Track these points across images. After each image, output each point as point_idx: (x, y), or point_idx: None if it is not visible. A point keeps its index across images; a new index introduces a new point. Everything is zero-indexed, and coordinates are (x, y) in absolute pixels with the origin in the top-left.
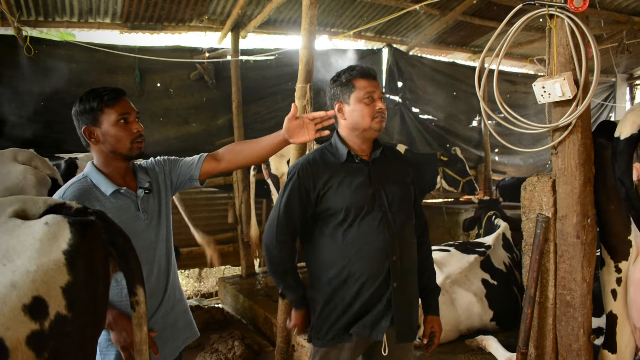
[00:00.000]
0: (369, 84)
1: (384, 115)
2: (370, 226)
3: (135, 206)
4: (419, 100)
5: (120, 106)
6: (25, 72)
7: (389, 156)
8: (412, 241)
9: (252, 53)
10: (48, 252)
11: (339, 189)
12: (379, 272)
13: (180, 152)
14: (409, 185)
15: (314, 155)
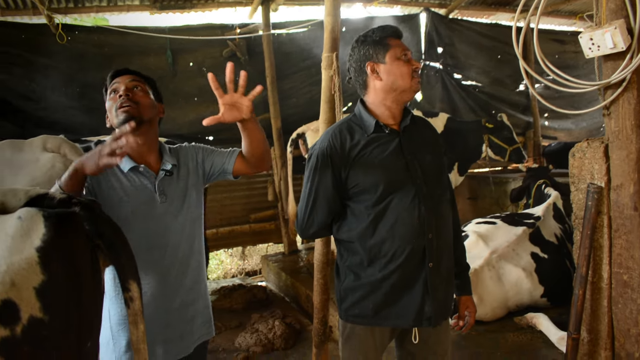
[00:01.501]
0: (402, 45)
1: (419, 77)
2: (403, 202)
3: (152, 187)
4: (461, 65)
5: (114, 81)
6: (59, 60)
7: (419, 125)
8: (448, 217)
9: (284, 26)
10: (20, 249)
11: (369, 162)
12: (414, 252)
13: (217, 132)
14: (442, 157)
15: (338, 127)
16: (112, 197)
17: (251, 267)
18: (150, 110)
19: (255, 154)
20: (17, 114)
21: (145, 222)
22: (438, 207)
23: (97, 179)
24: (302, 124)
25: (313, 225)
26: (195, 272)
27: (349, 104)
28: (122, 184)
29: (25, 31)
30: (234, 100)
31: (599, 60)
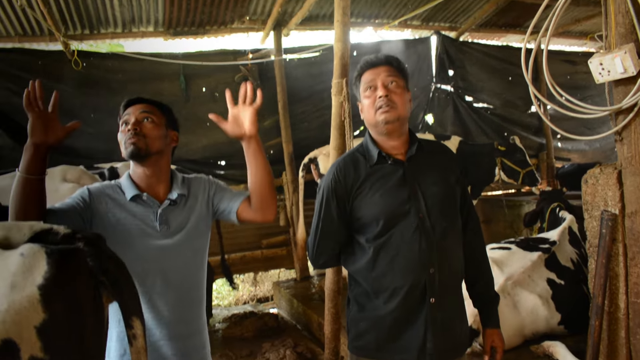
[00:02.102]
0: (372, 72)
1: (387, 103)
2: (404, 235)
3: (154, 215)
4: (472, 88)
5: (128, 110)
6: (74, 85)
7: (430, 152)
8: (455, 250)
9: (295, 51)
10: (21, 287)
11: (370, 195)
12: (414, 287)
13: (229, 157)
14: (453, 186)
15: (344, 159)
16: (111, 222)
17: (263, 293)
18: (159, 142)
19: (259, 189)
20: None
21: (143, 248)
22: (443, 240)
23: (97, 203)
24: (314, 148)
25: (322, 255)
26: (193, 306)
27: (360, 128)
28: (122, 210)
29: (41, 57)
30: (239, 111)
31: (609, 84)
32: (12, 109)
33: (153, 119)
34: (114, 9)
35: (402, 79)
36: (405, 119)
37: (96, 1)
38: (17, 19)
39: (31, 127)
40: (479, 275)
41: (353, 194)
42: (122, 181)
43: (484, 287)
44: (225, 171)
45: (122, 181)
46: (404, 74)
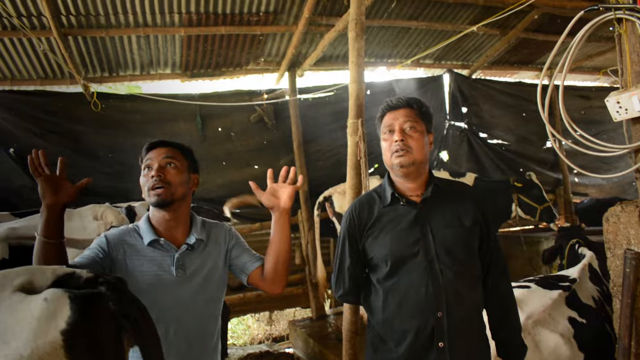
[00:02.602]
0: (392, 115)
1: (402, 147)
2: (412, 277)
3: (170, 260)
4: (486, 124)
5: (151, 153)
6: (93, 126)
7: (448, 193)
8: (469, 294)
9: (309, 91)
10: (44, 332)
11: (380, 235)
12: (420, 330)
13: (245, 195)
14: (469, 228)
15: (360, 199)
16: (129, 269)
17: (278, 332)
18: (182, 189)
19: (275, 261)
20: None
21: (157, 294)
22: (453, 284)
23: (115, 251)
24: (329, 186)
25: (339, 289)
26: (206, 353)
27: (375, 165)
28: (139, 256)
29: (62, 99)
30: (278, 187)
31: (627, 123)
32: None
33: (176, 165)
34: (133, 53)
35: (421, 123)
36: (422, 163)
37: (116, 45)
38: (39, 63)
39: (42, 191)
40: (503, 323)
41: (365, 233)
42: (140, 225)
43: (508, 336)
44: (240, 210)
45: (141, 225)
46: (425, 117)
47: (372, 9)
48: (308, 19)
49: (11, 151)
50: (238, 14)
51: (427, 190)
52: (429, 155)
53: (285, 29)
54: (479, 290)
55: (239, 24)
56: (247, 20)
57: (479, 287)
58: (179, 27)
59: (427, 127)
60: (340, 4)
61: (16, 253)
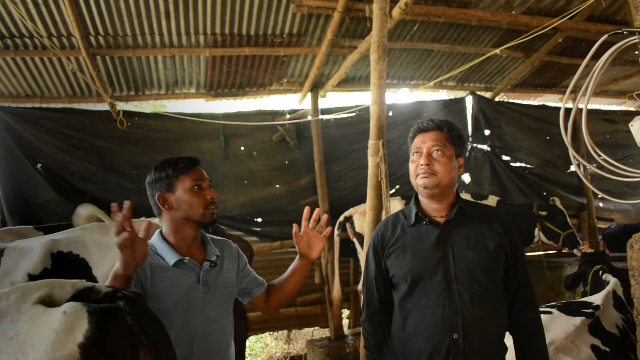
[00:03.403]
0: (421, 137)
1: (427, 171)
2: (430, 298)
3: (196, 277)
4: (509, 147)
5: (195, 173)
6: (118, 143)
7: (474, 216)
8: (489, 318)
9: (331, 111)
10: (62, 345)
11: (401, 254)
12: (436, 351)
13: (266, 214)
14: (493, 252)
15: (388, 218)
16: (158, 289)
17: (296, 351)
18: None
19: (284, 296)
20: (79, 195)
21: (188, 313)
22: (472, 306)
23: (142, 276)
24: (350, 206)
25: (368, 306)
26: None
27: (396, 186)
28: (167, 276)
29: (89, 117)
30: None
31: None
32: (59, 165)
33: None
34: (159, 72)
35: (450, 147)
36: (447, 185)
37: (142, 65)
38: (68, 81)
39: (125, 262)
40: (528, 351)
41: (387, 252)
42: (157, 245)
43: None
44: (261, 228)
45: (158, 245)
46: (455, 141)
47: (394, 31)
48: (331, 40)
49: (39, 166)
50: (262, 35)
51: (452, 212)
52: (457, 178)
53: (309, 50)
54: (500, 315)
55: (262, 45)
56: (271, 41)
57: (501, 312)
58: (204, 48)
59: (456, 151)
60: (362, 26)
61: (57, 263)
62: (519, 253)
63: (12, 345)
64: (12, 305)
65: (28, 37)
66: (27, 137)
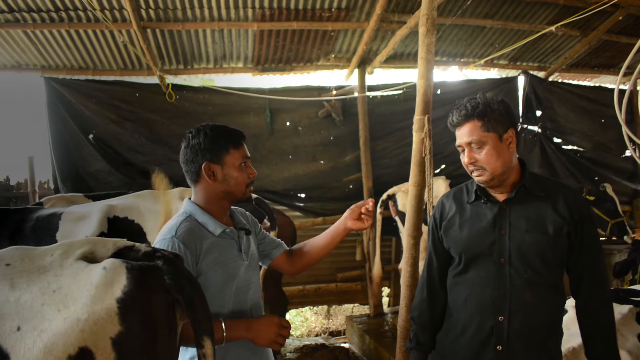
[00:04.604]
0: (458, 133)
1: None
2: (480, 277)
3: (237, 246)
4: (561, 129)
5: (244, 149)
6: (167, 116)
7: (538, 195)
8: (541, 304)
9: (379, 88)
10: (101, 299)
11: (458, 230)
12: (481, 329)
13: (309, 189)
14: (554, 236)
15: (454, 189)
16: (209, 261)
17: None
18: None
19: (315, 258)
20: (128, 165)
21: (234, 282)
22: (521, 291)
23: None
24: (394, 184)
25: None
26: None
27: (442, 165)
28: (214, 248)
29: (139, 89)
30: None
31: None
32: (110, 136)
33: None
34: (207, 46)
35: (489, 133)
36: (504, 172)
37: (191, 38)
38: (119, 54)
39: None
40: (593, 343)
41: (445, 225)
42: (198, 216)
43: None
44: (304, 203)
45: (199, 217)
46: (494, 122)
47: (445, 6)
48: (380, 15)
49: (90, 137)
50: (310, 9)
51: (513, 191)
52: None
53: (357, 25)
54: (553, 301)
55: (310, 19)
56: (319, 16)
57: (555, 299)
58: (252, 22)
59: (500, 130)
60: (412, 0)
61: (114, 228)
62: (589, 235)
63: (55, 298)
64: (56, 261)
65: (82, 10)
66: (80, 109)
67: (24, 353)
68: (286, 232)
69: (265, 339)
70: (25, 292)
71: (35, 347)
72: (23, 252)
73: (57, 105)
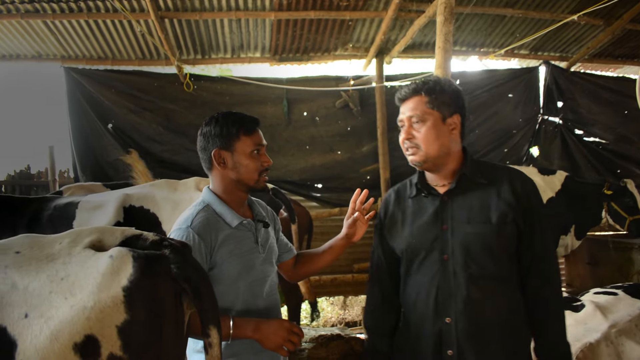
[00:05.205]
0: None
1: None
2: (425, 276)
3: (254, 238)
4: (583, 121)
5: (257, 136)
6: (184, 106)
7: (480, 184)
8: (489, 301)
9: (397, 78)
10: (108, 287)
11: (400, 228)
12: (429, 333)
13: (326, 180)
14: (497, 225)
15: (393, 188)
16: (224, 252)
17: (351, 317)
18: None
19: (313, 270)
20: (146, 155)
21: (252, 274)
22: (468, 288)
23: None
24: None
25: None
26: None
27: None
28: (231, 239)
29: (157, 79)
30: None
31: None
32: (129, 125)
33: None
34: (225, 36)
35: (432, 111)
36: (437, 156)
37: (209, 28)
38: (138, 44)
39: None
40: (542, 334)
41: (387, 223)
42: (215, 207)
43: (550, 346)
44: (321, 194)
45: (216, 207)
46: (438, 101)
47: None
48: (398, 4)
49: (109, 126)
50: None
51: (454, 181)
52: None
53: (375, 14)
54: (507, 297)
55: (328, 8)
56: (337, 5)
57: (508, 294)
58: (270, 11)
59: (445, 112)
60: None
61: (129, 217)
62: (538, 222)
63: (63, 285)
64: (65, 248)
65: (100, 0)
66: (99, 98)
67: (30, 340)
68: (302, 222)
69: (273, 342)
70: (34, 280)
71: (42, 334)
72: (32, 240)
73: (76, 95)
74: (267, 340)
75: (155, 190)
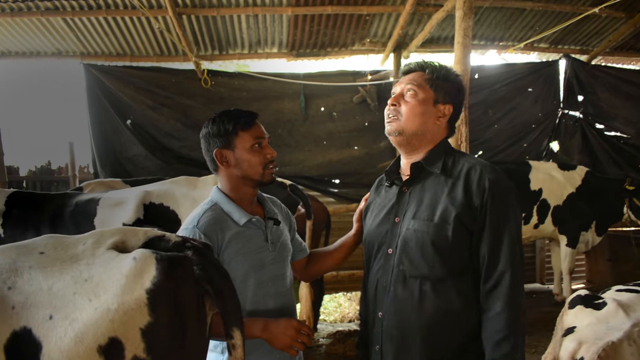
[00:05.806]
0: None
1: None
2: (373, 270)
3: (264, 236)
4: (604, 115)
5: (255, 129)
6: (202, 102)
7: (438, 176)
8: (423, 300)
9: None
10: (131, 289)
11: (367, 218)
12: (369, 327)
13: (343, 175)
14: (439, 224)
15: (381, 176)
16: (231, 251)
17: None
18: None
19: (325, 269)
20: (165, 151)
21: (262, 273)
22: (402, 285)
23: (218, 235)
24: None
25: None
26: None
27: (479, 152)
28: (239, 237)
29: (175, 75)
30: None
31: None
32: (147, 121)
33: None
34: (242, 32)
35: (428, 90)
36: (414, 133)
37: (226, 24)
38: (156, 41)
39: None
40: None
41: (364, 212)
42: (223, 205)
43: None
44: (338, 189)
45: (224, 205)
46: (437, 83)
47: None
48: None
49: (128, 122)
50: None
51: (414, 173)
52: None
53: (392, 9)
54: (439, 301)
55: (345, 3)
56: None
57: (443, 299)
58: (287, 7)
59: (437, 97)
60: None
61: (149, 214)
62: (494, 219)
63: (87, 287)
64: (88, 250)
65: None
66: (117, 94)
67: (55, 342)
68: (320, 218)
69: (282, 342)
70: (58, 281)
71: (66, 336)
72: (56, 240)
73: (95, 91)
74: (276, 340)
75: (175, 187)
